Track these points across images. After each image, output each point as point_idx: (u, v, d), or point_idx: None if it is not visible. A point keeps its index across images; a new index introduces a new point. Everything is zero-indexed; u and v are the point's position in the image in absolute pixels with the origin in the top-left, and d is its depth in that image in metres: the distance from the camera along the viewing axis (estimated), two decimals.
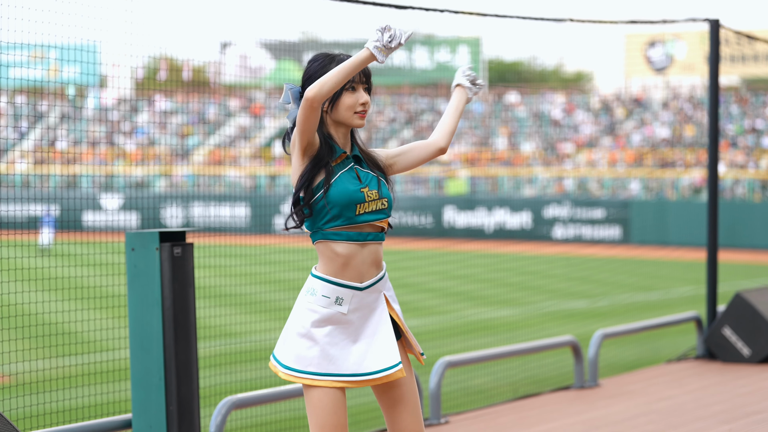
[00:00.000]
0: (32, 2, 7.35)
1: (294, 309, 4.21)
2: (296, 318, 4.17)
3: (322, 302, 4.15)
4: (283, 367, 4.14)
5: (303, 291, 4.21)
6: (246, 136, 45.15)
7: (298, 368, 4.12)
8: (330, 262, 4.16)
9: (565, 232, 33.85)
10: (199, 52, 67.65)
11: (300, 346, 4.13)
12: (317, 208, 4.13)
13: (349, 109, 4.20)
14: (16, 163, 35.33)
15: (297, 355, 4.12)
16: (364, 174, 4.21)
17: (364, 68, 4.20)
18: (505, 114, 44.47)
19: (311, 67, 4.23)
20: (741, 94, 43.25)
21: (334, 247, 4.15)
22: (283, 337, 4.20)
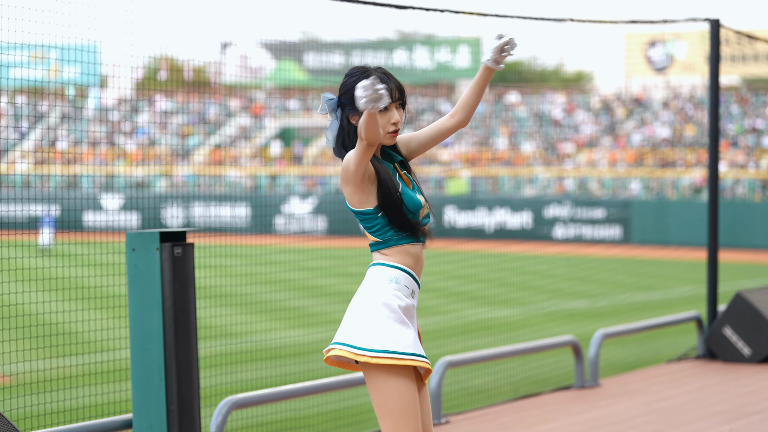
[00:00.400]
0: (32, 2, 7.35)
1: (371, 297, 4.20)
2: (381, 303, 4.18)
3: (405, 292, 4.25)
4: (378, 352, 4.11)
5: (382, 279, 4.22)
6: (246, 136, 45.15)
7: (402, 351, 4.13)
8: (405, 257, 4.26)
9: (566, 232, 33.85)
10: (199, 52, 67.57)
11: (397, 330, 4.15)
12: (385, 221, 4.25)
13: (381, 129, 4.28)
14: (17, 163, 35.34)
15: (397, 339, 4.14)
16: (411, 179, 4.38)
17: (397, 84, 4.31)
18: (505, 114, 44.47)
19: (347, 82, 4.28)
20: (741, 93, 43.25)
21: (407, 248, 4.26)
22: (368, 324, 4.16)
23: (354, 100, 4.19)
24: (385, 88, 4.01)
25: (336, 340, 4.21)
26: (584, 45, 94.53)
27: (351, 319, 4.21)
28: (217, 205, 36.12)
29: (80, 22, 7.42)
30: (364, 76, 4.26)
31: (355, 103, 4.20)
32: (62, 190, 35.24)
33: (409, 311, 4.24)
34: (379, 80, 4.08)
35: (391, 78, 4.30)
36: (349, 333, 4.18)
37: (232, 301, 17.16)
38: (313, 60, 49.05)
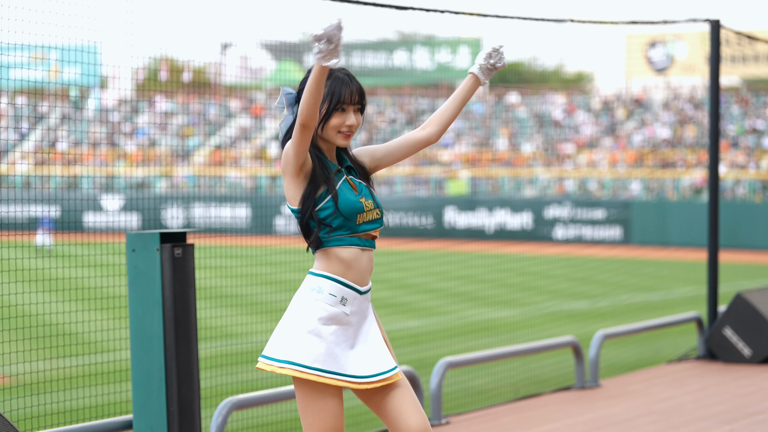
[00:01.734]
0: (33, 3, 7.35)
1: (295, 307, 4.18)
2: (301, 315, 4.14)
3: (329, 300, 4.16)
4: (283, 363, 4.09)
5: (305, 289, 4.19)
6: (246, 137, 45.15)
7: (304, 363, 4.08)
8: (335, 264, 4.19)
9: (566, 233, 33.85)
10: (199, 53, 67.62)
11: (307, 342, 4.10)
12: (318, 218, 4.18)
13: (334, 129, 4.24)
14: (17, 164, 35.34)
15: (302, 350, 4.09)
16: (358, 184, 4.29)
17: (358, 87, 4.26)
18: (505, 115, 44.47)
19: (303, 79, 4.25)
20: (742, 94, 43.25)
21: (338, 252, 4.18)
22: (282, 335, 4.15)
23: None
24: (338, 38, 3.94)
25: (262, 354, 4.21)
26: (584, 46, 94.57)
27: (277, 332, 4.20)
28: (217, 205, 36.12)
29: (80, 22, 7.42)
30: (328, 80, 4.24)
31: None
32: (62, 191, 35.25)
33: (339, 319, 4.16)
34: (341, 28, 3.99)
35: (353, 79, 4.26)
36: (271, 346, 4.18)
37: (232, 302, 17.16)
38: (314, 61, 49.02)
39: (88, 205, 34.65)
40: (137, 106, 44.41)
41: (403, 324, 16.08)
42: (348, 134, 4.25)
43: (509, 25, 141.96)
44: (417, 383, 7.89)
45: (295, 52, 48.74)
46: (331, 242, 4.18)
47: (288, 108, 4.27)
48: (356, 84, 4.25)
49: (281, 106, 4.28)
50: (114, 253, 16.31)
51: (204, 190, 39.13)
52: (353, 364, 4.16)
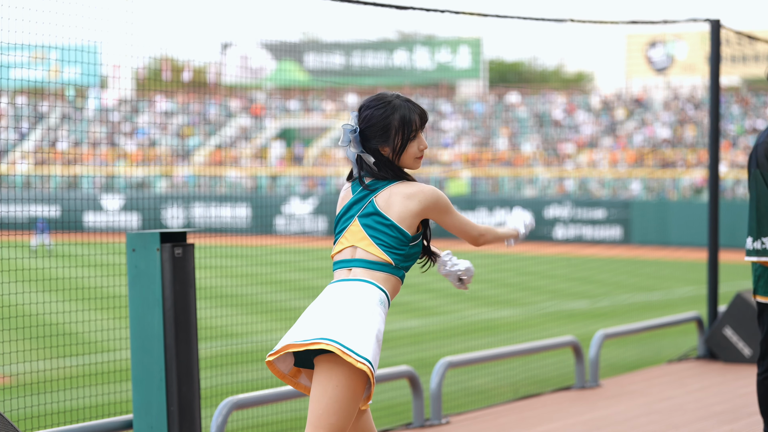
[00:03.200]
0: (33, 3, 7.35)
1: (368, 312, 4.29)
2: (375, 322, 4.29)
3: (384, 317, 4.39)
4: (363, 359, 4.22)
5: (374, 299, 4.33)
6: (247, 136, 45.15)
7: (375, 368, 4.28)
8: (396, 287, 4.44)
9: (566, 233, 33.85)
10: (200, 52, 67.63)
11: (376, 348, 4.29)
12: (411, 252, 4.43)
13: (412, 157, 4.46)
14: (17, 163, 35.34)
15: (376, 355, 4.28)
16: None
17: (424, 114, 4.51)
18: (505, 114, 44.47)
19: (374, 115, 4.40)
20: (742, 94, 43.25)
21: (398, 283, 4.45)
22: (362, 333, 4.25)
23: (385, 131, 4.38)
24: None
25: (323, 336, 4.21)
26: (585, 45, 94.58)
27: (342, 323, 4.24)
28: (217, 205, 36.12)
29: (80, 22, 7.42)
30: (392, 110, 4.41)
31: (385, 135, 4.39)
32: (63, 191, 35.25)
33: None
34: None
35: (416, 105, 4.46)
36: (341, 333, 4.22)
37: (232, 301, 17.16)
38: (314, 60, 49.06)
39: (88, 204, 34.65)
40: (137, 105, 44.41)
41: (403, 324, 16.09)
42: (421, 157, 4.50)
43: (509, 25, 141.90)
44: (417, 383, 7.89)
45: (295, 52, 48.74)
46: (399, 272, 4.44)
47: (355, 147, 4.41)
48: (419, 107, 4.48)
49: (345, 144, 4.42)
50: (114, 252, 16.31)
51: (204, 190, 39.13)
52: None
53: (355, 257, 4.38)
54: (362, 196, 4.40)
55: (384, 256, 4.35)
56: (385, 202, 4.35)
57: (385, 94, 4.47)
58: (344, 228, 4.42)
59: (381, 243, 4.35)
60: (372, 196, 4.37)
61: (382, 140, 4.38)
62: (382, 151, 4.39)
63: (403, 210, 4.34)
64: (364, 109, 4.41)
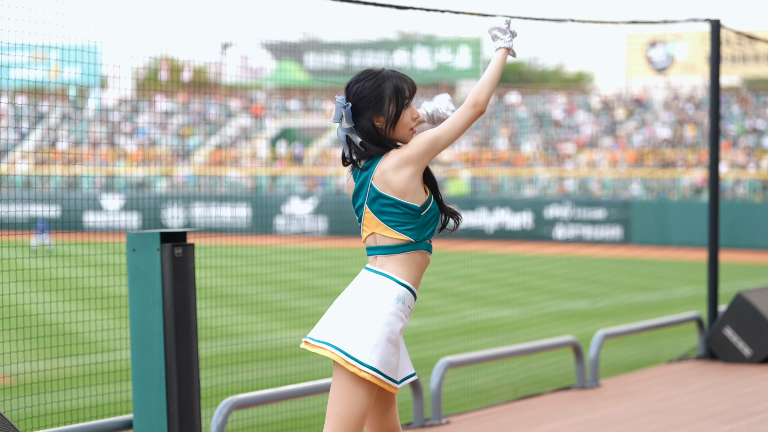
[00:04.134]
0: (33, 3, 7.35)
1: (381, 312, 4.22)
2: (388, 323, 4.21)
3: (406, 312, 4.28)
4: (367, 368, 4.17)
5: (390, 296, 4.25)
6: (247, 136, 45.15)
7: (384, 373, 4.20)
8: (414, 270, 4.29)
9: (566, 233, 33.84)
10: (200, 52, 67.62)
11: (388, 351, 4.21)
12: (427, 220, 4.30)
13: (406, 127, 4.35)
14: (17, 163, 35.34)
15: (386, 360, 4.20)
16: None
17: (412, 83, 4.41)
18: (506, 114, 44.47)
19: (365, 86, 4.30)
20: (742, 94, 43.25)
21: (424, 256, 4.31)
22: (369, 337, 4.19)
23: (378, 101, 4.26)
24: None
25: (329, 341, 4.22)
26: (585, 45, 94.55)
27: (350, 326, 4.22)
28: (217, 205, 36.12)
29: (81, 22, 7.42)
30: (383, 79, 4.31)
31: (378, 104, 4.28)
32: (63, 191, 35.24)
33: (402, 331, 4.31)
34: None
35: (405, 75, 4.38)
36: (346, 340, 4.21)
37: (232, 301, 17.16)
38: (314, 60, 49.06)
39: (88, 204, 34.65)
40: (137, 105, 44.41)
41: None
42: (415, 128, 4.37)
43: None
44: (417, 383, 7.89)
45: (295, 52, 48.73)
46: (426, 245, 4.31)
47: (348, 121, 4.29)
48: (408, 77, 4.39)
49: (337, 120, 4.31)
50: (114, 252, 16.30)
51: (204, 190, 39.13)
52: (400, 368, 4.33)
53: (377, 244, 4.33)
54: (362, 181, 4.33)
55: (401, 236, 4.27)
56: (382, 181, 4.26)
57: (371, 68, 4.38)
58: (361, 217, 4.37)
59: (394, 224, 4.27)
60: (370, 179, 4.30)
61: (376, 110, 4.28)
62: (377, 122, 4.29)
63: (400, 182, 4.24)
64: (353, 83, 4.31)
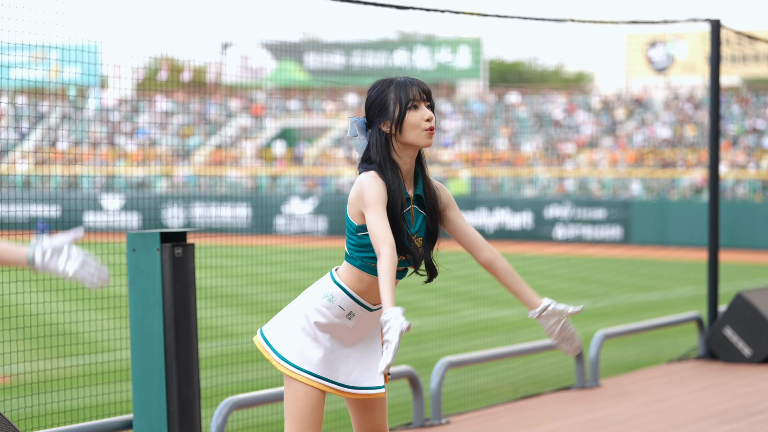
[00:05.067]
0: (33, 2, 7.35)
1: (302, 301, 4.23)
2: (303, 313, 4.20)
3: (335, 312, 4.19)
4: (281, 359, 4.17)
5: (319, 290, 4.22)
6: (247, 136, 45.15)
7: (298, 365, 4.16)
8: (357, 282, 4.19)
9: (566, 233, 33.85)
10: (200, 52, 67.61)
11: (304, 343, 4.18)
12: (364, 242, 4.14)
13: (416, 128, 4.14)
14: (17, 163, 35.34)
15: (300, 352, 4.16)
16: (417, 215, 4.26)
17: (424, 86, 4.19)
18: (506, 114, 44.47)
19: (371, 95, 4.21)
20: (742, 94, 43.25)
21: (368, 274, 4.17)
22: (283, 324, 4.22)
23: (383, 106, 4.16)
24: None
25: (262, 329, 4.27)
26: (585, 45, 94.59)
27: (281, 316, 4.26)
28: (217, 205, 36.12)
29: (81, 22, 7.42)
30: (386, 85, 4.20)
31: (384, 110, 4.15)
32: (63, 191, 35.24)
33: (336, 330, 4.19)
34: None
35: (415, 79, 4.22)
36: (272, 329, 4.25)
37: (232, 301, 17.16)
38: (314, 60, 49.06)
39: (88, 204, 34.65)
40: (137, 105, 44.42)
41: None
42: (431, 130, 4.15)
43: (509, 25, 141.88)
44: (417, 383, 7.88)
45: (295, 52, 48.73)
46: (365, 266, 4.17)
47: (362, 134, 4.22)
48: (417, 80, 4.20)
49: (354, 135, 4.22)
50: (114, 252, 16.23)
51: (204, 190, 39.13)
52: (345, 371, 4.23)
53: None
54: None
55: (345, 244, 4.26)
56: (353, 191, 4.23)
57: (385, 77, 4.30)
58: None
59: (347, 233, 4.24)
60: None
61: (382, 115, 4.15)
62: (383, 127, 4.15)
63: (350, 197, 4.17)
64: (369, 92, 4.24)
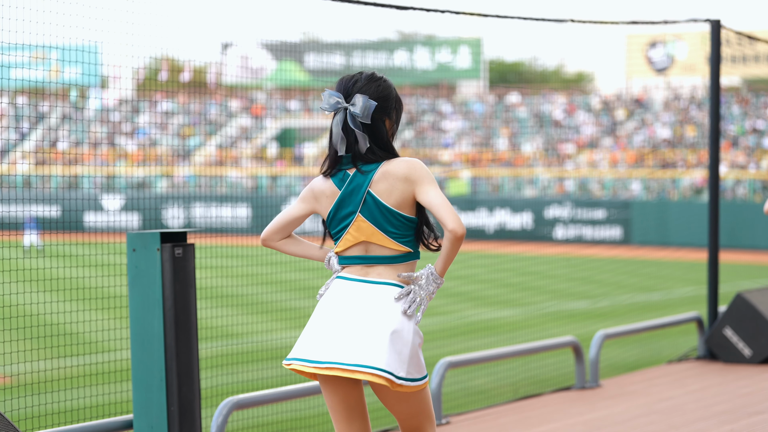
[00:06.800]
0: (33, 3, 7.36)
1: (406, 325, 4.20)
2: (416, 334, 4.23)
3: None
4: (423, 380, 4.26)
5: (397, 307, 4.22)
6: (247, 136, 45.15)
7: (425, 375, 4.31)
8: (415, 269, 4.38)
9: (566, 233, 33.85)
10: (200, 52, 67.62)
11: (421, 356, 4.29)
12: (416, 228, 4.30)
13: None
14: (18, 163, 35.34)
15: (422, 364, 4.28)
16: None
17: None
18: (506, 114, 44.47)
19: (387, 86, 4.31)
20: (742, 94, 43.25)
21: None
22: (410, 355, 4.19)
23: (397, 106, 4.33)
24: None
25: (377, 366, 4.16)
26: (585, 46, 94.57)
27: (403, 351, 4.19)
28: (217, 205, 36.13)
29: (81, 22, 7.42)
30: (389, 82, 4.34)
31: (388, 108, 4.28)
32: (63, 191, 35.24)
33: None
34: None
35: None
36: (404, 367, 4.20)
37: (232, 301, 17.16)
38: (314, 60, 49.06)
39: (88, 204, 34.65)
40: (138, 105, 44.42)
41: None
42: None
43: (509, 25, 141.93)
44: None
45: (295, 52, 48.73)
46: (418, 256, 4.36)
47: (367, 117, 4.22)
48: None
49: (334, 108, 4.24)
50: (114, 252, 16.29)
51: (204, 190, 39.14)
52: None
53: (370, 254, 4.26)
54: (354, 188, 4.23)
55: (401, 247, 4.24)
56: (383, 188, 4.20)
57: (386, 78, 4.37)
58: (346, 225, 4.25)
59: (395, 235, 4.22)
60: (366, 185, 4.21)
61: (386, 113, 4.28)
62: (386, 124, 4.29)
63: (402, 195, 4.19)
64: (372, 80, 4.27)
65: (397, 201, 4.20)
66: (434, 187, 4.19)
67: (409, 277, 4.23)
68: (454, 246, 4.19)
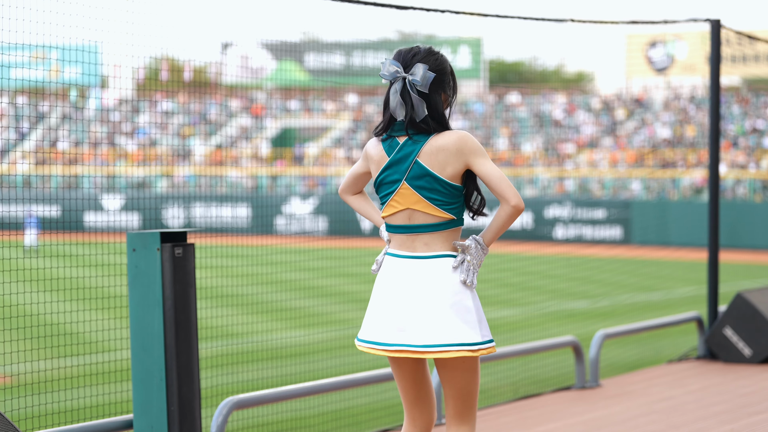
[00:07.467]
0: (33, 2, 7.36)
1: (465, 292, 4.32)
2: (475, 299, 4.36)
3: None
4: (492, 342, 4.38)
5: (454, 274, 4.33)
6: (247, 136, 45.15)
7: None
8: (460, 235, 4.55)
9: (566, 233, 33.85)
10: (200, 52, 67.62)
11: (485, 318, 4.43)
12: (462, 196, 4.46)
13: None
14: (18, 163, 35.35)
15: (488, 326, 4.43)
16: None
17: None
18: (506, 114, 44.47)
19: (444, 60, 4.44)
20: (742, 94, 43.25)
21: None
22: (477, 319, 4.34)
23: (453, 81, 4.46)
24: None
25: (454, 342, 4.32)
26: (585, 45, 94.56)
27: (471, 313, 4.35)
28: (217, 205, 36.13)
29: (81, 22, 7.42)
30: (444, 57, 4.47)
31: (446, 83, 4.41)
32: (63, 191, 35.24)
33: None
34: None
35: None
36: (471, 332, 4.34)
37: (232, 301, 17.16)
38: (314, 60, 49.06)
39: (88, 204, 34.65)
40: (138, 105, 44.42)
41: None
42: None
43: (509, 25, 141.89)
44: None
45: (295, 52, 48.73)
46: (461, 223, 4.50)
47: (426, 86, 4.35)
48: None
49: (419, 83, 4.35)
50: (114, 252, 16.29)
51: (204, 190, 39.14)
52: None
53: (414, 222, 4.39)
54: (402, 156, 4.37)
55: (445, 214, 4.38)
56: (432, 158, 4.33)
57: (439, 50, 4.52)
58: (392, 191, 4.38)
59: (439, 202, 4.36)
60: (415, 155, 4.34)
61: (442, 87, 4.41)
62: (443, 99, 4.42)
63: (452, 166, 4.33)
64: (430, 53, 4.40)
65: (446, 171, 4.35)
66: (489, 160, 4.41)
67: (462, 246, 4.36)
68: (511, 219, 4.46)
